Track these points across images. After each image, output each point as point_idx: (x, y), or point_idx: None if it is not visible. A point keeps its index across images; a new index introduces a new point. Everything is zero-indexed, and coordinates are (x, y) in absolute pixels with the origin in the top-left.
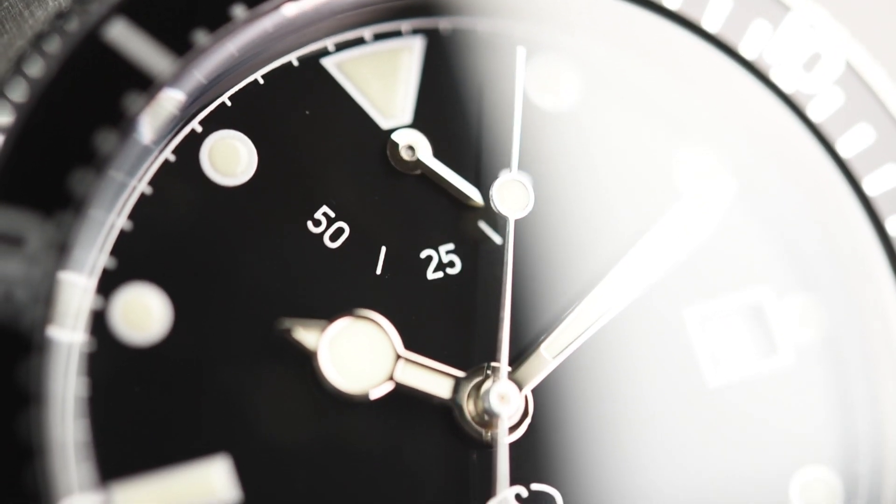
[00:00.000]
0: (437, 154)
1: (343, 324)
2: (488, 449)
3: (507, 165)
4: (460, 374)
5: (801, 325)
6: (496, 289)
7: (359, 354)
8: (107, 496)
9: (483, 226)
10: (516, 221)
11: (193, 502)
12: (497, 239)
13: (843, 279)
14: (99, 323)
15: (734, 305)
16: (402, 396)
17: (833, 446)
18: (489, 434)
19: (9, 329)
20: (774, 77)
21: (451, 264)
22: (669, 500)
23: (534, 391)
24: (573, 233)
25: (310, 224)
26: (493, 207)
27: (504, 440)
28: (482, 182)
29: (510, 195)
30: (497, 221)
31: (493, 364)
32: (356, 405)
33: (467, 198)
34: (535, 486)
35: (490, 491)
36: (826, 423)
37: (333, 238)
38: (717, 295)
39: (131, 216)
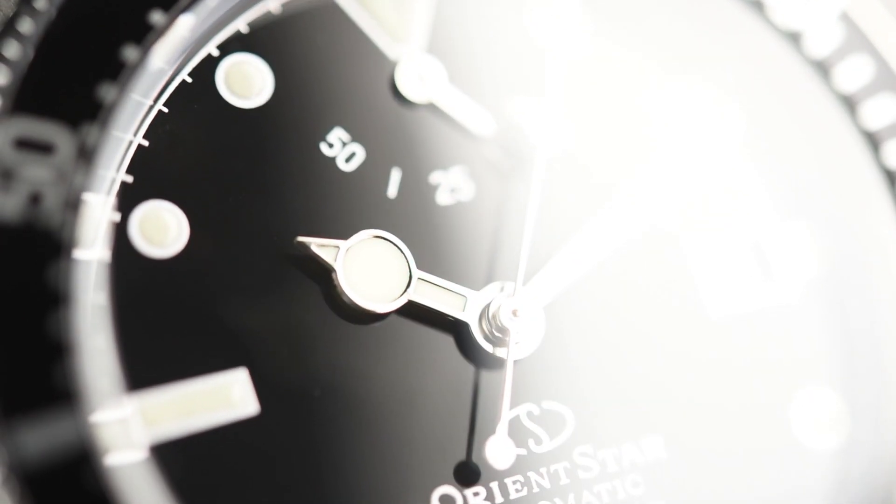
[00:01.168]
0: (453, 80)
1: (360, 241)
2: (500, 367)
3: (527, 95)
4: (473, 292)
5: (801, 255)
6: (507, 214)
7: (374, 272)
8: (129, 406)
9: (495, 153)
10: (535, 150)
11: (212, 414)
12: (508, 167)
13: (841, 209)
14: (118, 237)
15: (737, 237)
16: (416, 314)
17: (834, 369)
18: (501, 351)
19: (37, 230)
20: (773, 12)
21: (463, 190)
22: (673, 422)
23: (546, 313)
24: (587, 164)
25: (323, 146)
26: (522, 136)
27: (513, 355)
28: (493, 111)
29: (539, 126)
30: (510, 150)
31: (504, 283)
32: (371, 321)
33: (479, 126)
34: (546, 404)
35: (501, 408)
36: (826, 349)
37: (347, 161)
38: (720, 226)
39: (148, 135)
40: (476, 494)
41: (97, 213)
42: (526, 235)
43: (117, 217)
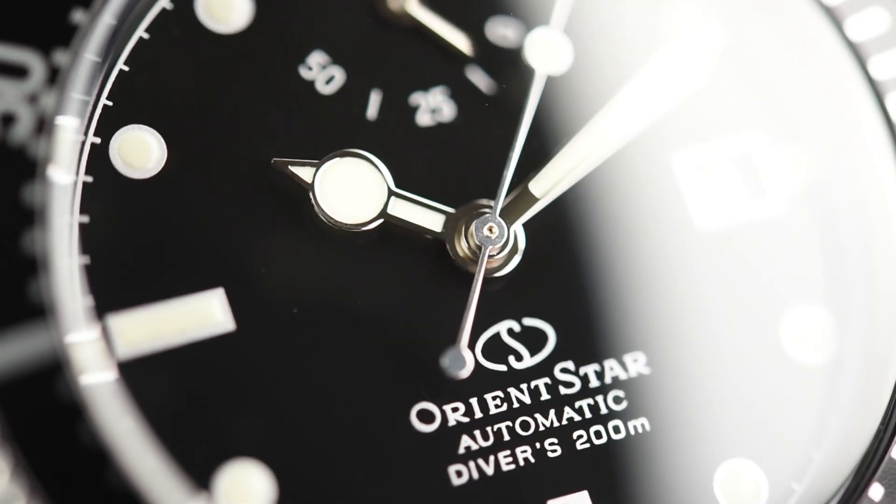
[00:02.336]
0: (429, 3)
1: (337, 160)
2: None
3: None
4: (451, 209)
5: (790, 170)
6: (489, 135)
7: (352, 190)
8: (105, 326)
9: (475, 75)
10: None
11: (190, 333)
12: (488, 89)
13: (830, 122)
14: (98, 159)
15: (724, 151)
16: (395, 232)
17: (823, 285)
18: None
19: (11, 150)
20: None
21: (444, 111)
22: (657, 338)
23: (527, 230)
24: (572, 84)
25: (303, 69)
26: (524, 59)
27: (483, 269)
28: (475, 31)
29: (545, 51)
30: (492, 71)
31: (483, 200)
32: (349, 239)
33: (460, 47)
34: (526, 321)
35: (481, 325)
36: (816, 264)
37: (326, 83)
38: (707, 139)
39: (129, 60)
40: (455, 410)
41: (74, 135)
42: (512, 154)
43: (97, 140)
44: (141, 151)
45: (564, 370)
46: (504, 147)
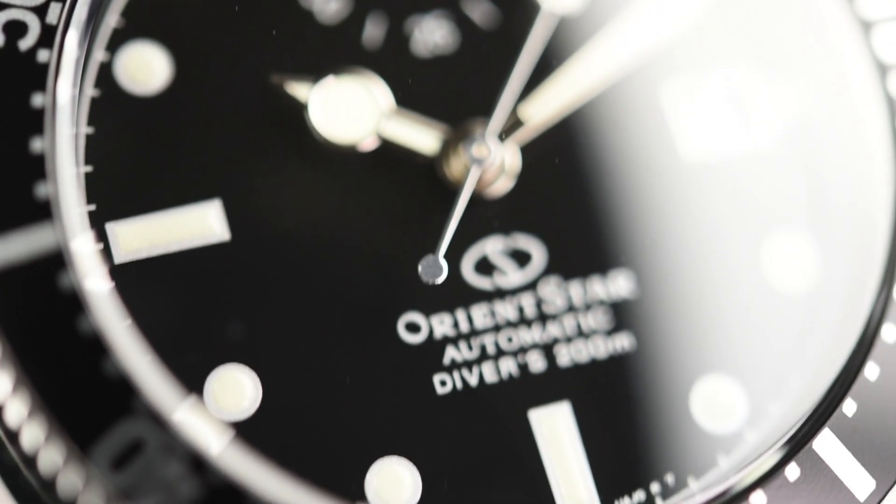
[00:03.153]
0: None
1: (333, 79)
2: (471, 202)
3: None
4: (443, 130)
5: (776, 106)
6: (486, 62)
7: (347, 109)
8: (105, 232)
9: (478, 6)
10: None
11: (186, 242)
12: (490, 20)
13: (815, 57)
14: (105, 75)
15: (712, 85)
16: (391, 154)
17: (807, 215)
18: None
19: (23, 60)
20: None
21: (445, 37)
22: (643, 260)
23: (524, 156)
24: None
25: None
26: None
27: (471, 185)
28: None
29: None
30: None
31: (476, 122)
32: (346, 159)
33: None
34: (514, 238)
35: (469, 239)
36: (800, 194)
37: (325, 4)
38: (696, 73)
39: None
40: (441, 322)
41: (81, 49)
42: (508, 78)
43: (104, 55)
44: (146, 68)
45: (550, 287)
46: (503, 77)
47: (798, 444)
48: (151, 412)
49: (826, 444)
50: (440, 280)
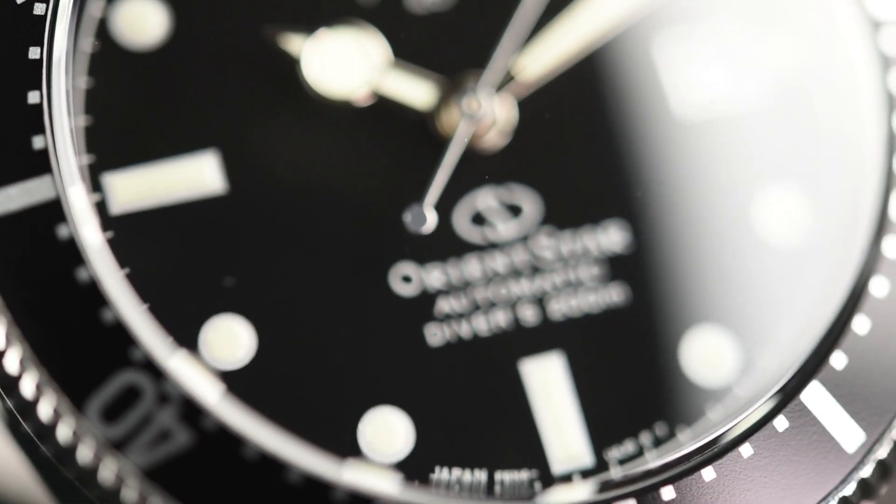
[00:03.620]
0: None
1: (326, 32)
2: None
3: None
4: (438, 83)
5: (767, 58)
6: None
7: (340, 63)
8: (102, 183)
9: None
10: None
11: (183, 193)
12: None
13: (804, 16)
14: (102, 28)
15: (701, 38)
16: (386, 109)
17: (799, 169)
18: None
19: (20, 12)
20: None
21: None
22: (635, 213)
23: (520, 111)
24: None
25: None
26: None
27: (461, 135)
28: None
29: None
30: None
31: (469, 76)
32: (341, 113)
33: None
34: (506, 190)
35: (462, 191)
36: (792, 149)
37: None
38: (685, 26)
39: None
40: (433, 274)
41: (76, 2)
42: (503, 33)
43: (104, 10)
44: (143, 21)
45: (541, 239)
46: (498, 33)
47: (787, 395)
48: (148, 361)
49: (815, 396)
50: (426, 229)
